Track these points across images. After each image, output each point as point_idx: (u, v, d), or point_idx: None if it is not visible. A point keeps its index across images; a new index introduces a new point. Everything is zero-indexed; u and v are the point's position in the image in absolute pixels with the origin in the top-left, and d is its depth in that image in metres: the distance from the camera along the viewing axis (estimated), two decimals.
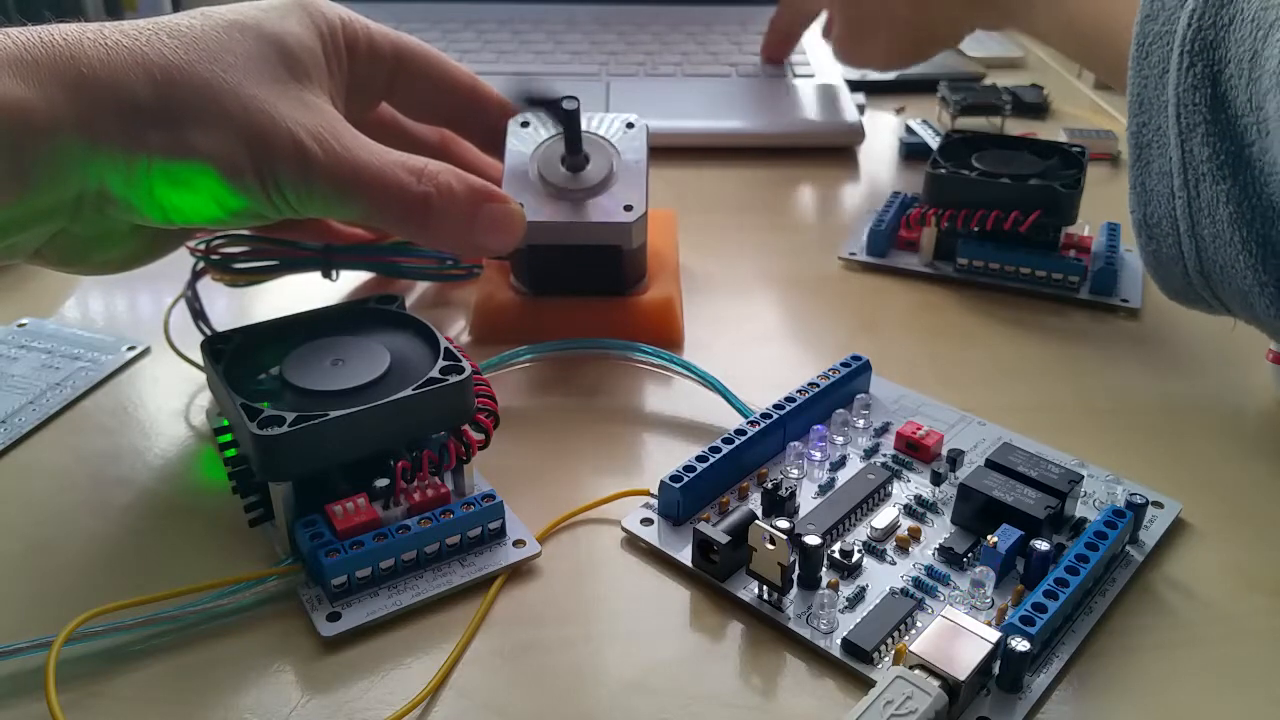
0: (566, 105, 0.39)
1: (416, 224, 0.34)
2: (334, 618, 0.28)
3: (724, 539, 0.29)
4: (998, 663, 0.26)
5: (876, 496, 0.32)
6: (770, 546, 0.28)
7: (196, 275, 0.39)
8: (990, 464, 0.32)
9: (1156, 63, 0.34)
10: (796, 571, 0.29)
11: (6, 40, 0.28)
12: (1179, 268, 0.36)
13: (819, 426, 0.35)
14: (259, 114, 0.31)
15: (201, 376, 0.38)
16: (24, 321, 0.42)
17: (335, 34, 0.36)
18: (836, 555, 0.30)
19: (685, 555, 0.30)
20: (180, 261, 0.39)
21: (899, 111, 0.70)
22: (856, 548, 0.30)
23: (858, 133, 0.62)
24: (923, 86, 0.72)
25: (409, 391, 0.30)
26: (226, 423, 0.32)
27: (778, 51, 0.71)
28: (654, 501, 0.32)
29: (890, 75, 0.72)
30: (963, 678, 0.25)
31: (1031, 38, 0.51)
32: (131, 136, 0.29)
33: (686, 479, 0.31)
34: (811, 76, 0.69)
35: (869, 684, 0.26)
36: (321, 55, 0.35)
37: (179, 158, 0.30)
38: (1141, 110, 0.35)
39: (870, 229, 0.49)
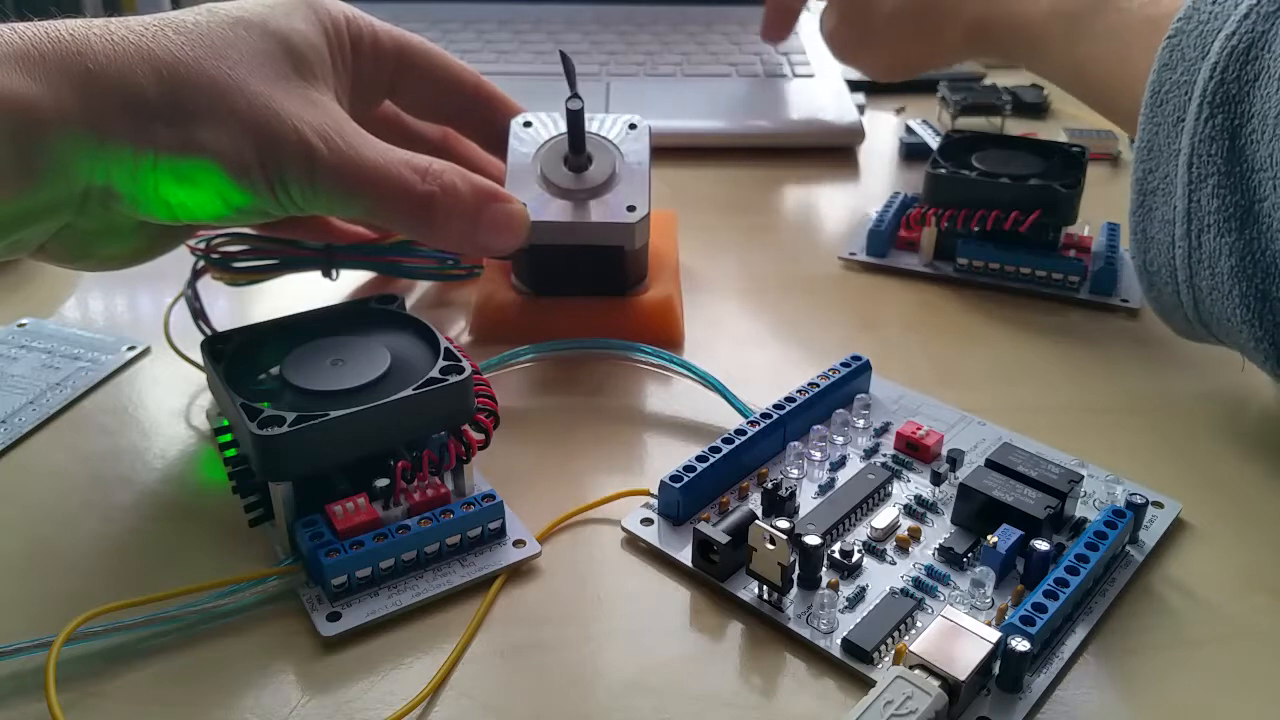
0: (571, 105, 0.39)
1: (420, 223, 0.34)
2: (334, 618, 0.28)
3: (724, 539, 0.29)
4: (998, 663, 0.26)
5: (876, 496, 0.32)
6: (770, 546, 0.28)
7: (196, 274, 0.39)
8: (990, 464, 0.32)
9: (1171, 111, 0.34)
10: (796, 571, 0.29)
11: (13, 36, 0.28)
12: (1180, 314, 0.36)
13: (819, 426, 0.35)
14: (265, 111, 0.31)
15: (201, 376, 0.38)
16: (24, 321, 0.42)
17: (340, 31, 0.36)
18: (836, 555, 0.30)
19: (685, 555, 0.30)
20: (180, 260, 0.39)
21: (899, 111, 0.70)
22: (856, 548, 0.30)
23: (858, 133, 0.62)
24: (923, 86, 0.71)
25: (409, 391, 0.30)
26: (226, 423, 0.32)
27: (777, 29, 0.67)
28: (654, 501, 0.32)
29: None
30: (963, 678, 0.25)
31: (1039, 76, 0.51)
32: (138, 132, 0.29)
33: (686, 479, 0.31)
34: (811, 76, 0.69)
35: (869, 684, 0.26)
36: (326, 53, 0.35)
37: (185, 154, 0.30)
38: (1150, 157, 0.35)
39: (870, 229, 0.49)
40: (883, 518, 0.31)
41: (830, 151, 0.62)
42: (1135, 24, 0.42)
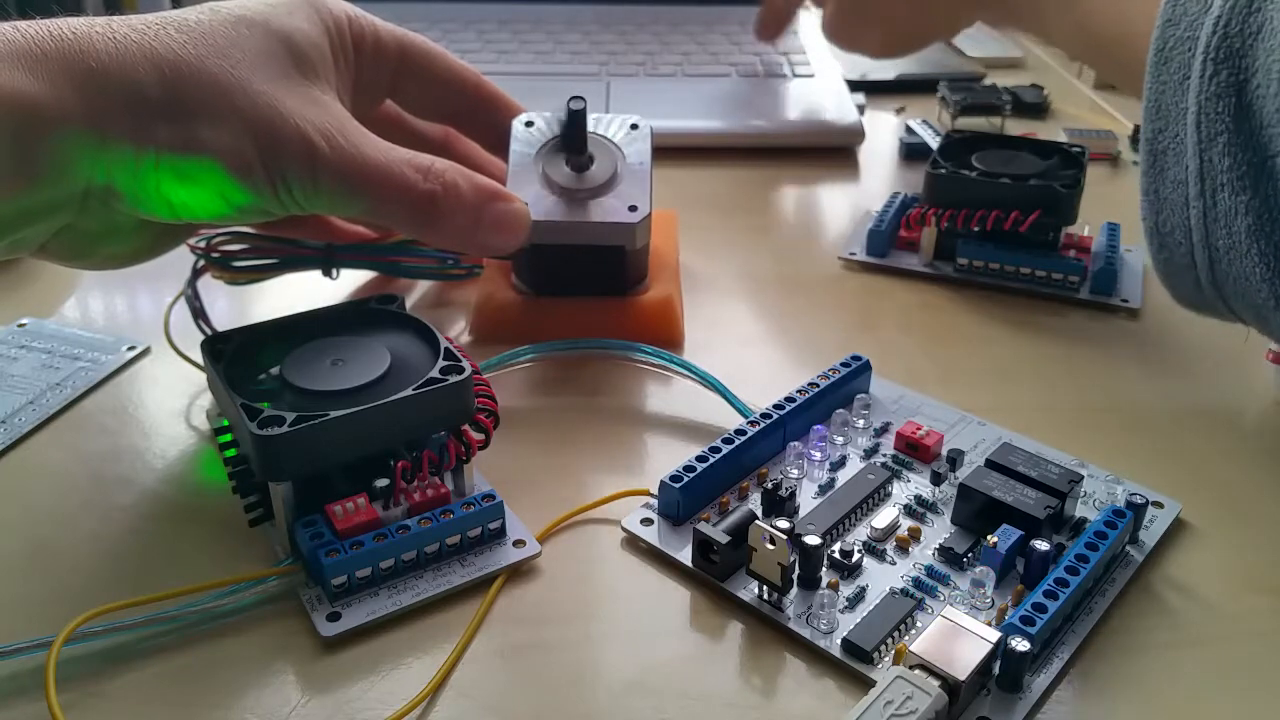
0: (573, 105, 0.39)
1: (422, 222, 0.34)
2: (334, 618, 0.28)
3: (724, 539, 0.29)
4: (998, 663, 0.26)
5: (876, 496, 0.32)
6: (770, 546, 0.28)
7: (196, 274, 0.39)
8: (990, 464, 0.32)
9: (1177, 69, 0.34)
10: (796, 571, 0.29)
11: (15, 34, 0.28)
12: (1190, 277, 0.35)
13: (819, 426, 0.35)
14: (267, 110, 0.31)
15: (201, 376, 0.38)
16: (24, 321, 0.42)
17: (342, 30, 0.36)
18: (836, 555, 0.30)
19: (685, 555, 0.30)
20: (180, 260, 0.39)
21: (899, 111, 0.70)
22: (856, 548, 0.30)
23: (858, 133, 0.62)
24: (923, 86, 0.72)
25: (409, 391, 0.30)
26: (226, 423, 0.32)
27: (772, 29, 0.68)
28: (654, 501, 0.32)
29: (890, 75, 0.72)
30: (963, 678, 0.25)
31: (1038, 39, 0.51)
32: (140, 131, 0.29)
33: (686, 479, 0.31)
34: (811, 76, 0.69)
35: (869, 684, 0.26)
36: (329, 52, 0.35)
37: (187, 153, 0.30)
38: (1158, 116, 0.35)
39: (870, 229, 0.49)
40: (883, 518, 0.31)
41: (830, 151, 0.62)
42: None
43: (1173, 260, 0.36)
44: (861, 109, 0.65)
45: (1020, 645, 0.26)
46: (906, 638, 0.28)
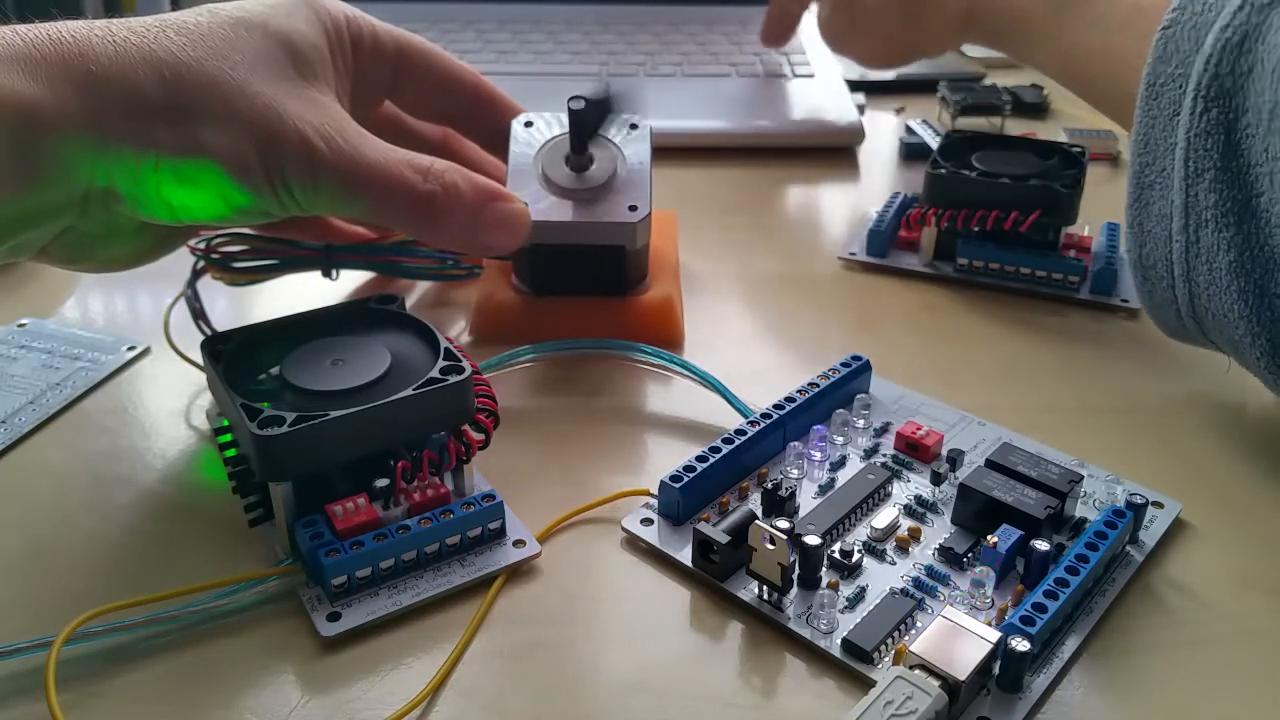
0: (573, 105, 0.39)
1: (422, 222, 0.34)
2: (334, 618, 0.28)
3: (724, 539, 0.29)
4: (998, 663, 0.26)
5: (876, 496, 0.32)
6: (770, 546, 0.28)
7: (197, 274, 0.39)
8: (990, 464, 0.32)
9: (1166, 105, 0.34)
10: (796, 571, 0.29)
11: (15, 38, 0.28)
12: (1172, 309, 0.36)
13: (819, 426, 0.35)
14: (266, 111, 0.31)
15: (201, 376, 0.38)
16: (24, 321, 0.42)
17: (340, 31, 0.36)
18: (836, 555, 0.30)
19: (685, 555, 0.30)
20: (180, 261, 0.39)
21: (899, 111, 0.70)
22: (856, 548, 0.30)
23: (858, 133, 0.62)
24: (923, 86, 0.72)
25: (409, 392, 0.30)
26: (226, 423, 0.32)
27: (777, 34, 0.68)
28: (654, 501, 0.32)
29: (890, 75, 0.72)
30: (963, 678, 0.25)
31: (1026, 65, 0.51)
32: (140, 134, 0.29)
33: (686, 479, 0.31)
34: (811, 76, 0.69)
35: (869, 684, 0.26)
36: (327, 53, 0.35)
37: (187, 155, 0.30)
38: (1146, 151, 0.35)
39: (870, 229, 0.49)
40: (883, 518, 0.31)
41: (830, 151, 0.62)
42: (1123, 12, 0.42)
43: (1155, 292, 0.36)
44: (861, 109, 0.65)
45: (1020, 645, 0.26)
46: (906, 638, 0.28)
